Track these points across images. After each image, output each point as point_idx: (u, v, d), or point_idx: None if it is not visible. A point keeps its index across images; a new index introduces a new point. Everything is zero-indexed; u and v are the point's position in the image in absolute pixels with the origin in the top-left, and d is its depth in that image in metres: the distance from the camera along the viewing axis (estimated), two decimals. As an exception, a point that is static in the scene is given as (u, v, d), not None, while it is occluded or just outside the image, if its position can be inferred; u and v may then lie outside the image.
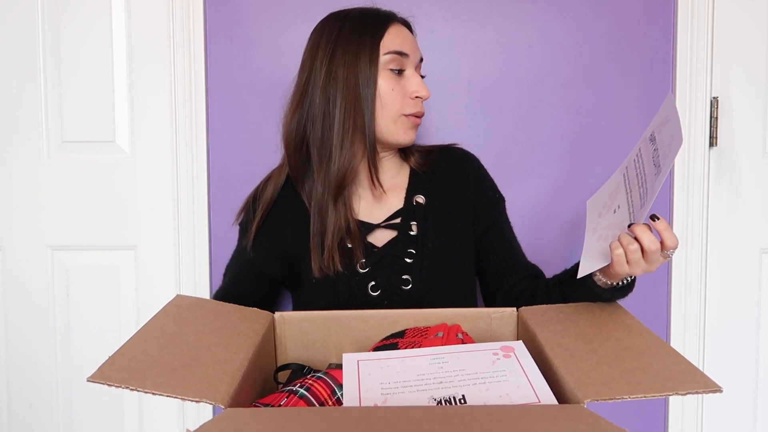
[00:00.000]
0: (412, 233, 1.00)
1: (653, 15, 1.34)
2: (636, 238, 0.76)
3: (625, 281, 0.84)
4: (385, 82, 0.96)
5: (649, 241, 0.76)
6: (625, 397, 0.59)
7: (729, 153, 1.36)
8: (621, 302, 0.87)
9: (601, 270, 0.83)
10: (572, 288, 0.88)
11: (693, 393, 0.59)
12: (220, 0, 1.35)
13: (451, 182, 1.05)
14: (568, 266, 0.96)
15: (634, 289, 0.87)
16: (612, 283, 0.84)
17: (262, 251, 1.04)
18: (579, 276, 0.81)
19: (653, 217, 0.78)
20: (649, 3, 1.33)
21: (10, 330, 1.44)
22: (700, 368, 1.38)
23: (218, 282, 1.39)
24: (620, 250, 0.77)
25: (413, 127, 1.00)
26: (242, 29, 1.35)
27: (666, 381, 0.61)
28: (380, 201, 1.03)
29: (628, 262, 0.78)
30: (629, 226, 0.78)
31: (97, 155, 1.40)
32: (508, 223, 1.09)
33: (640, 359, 0.66)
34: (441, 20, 1.34)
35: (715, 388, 0.58)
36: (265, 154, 1.35)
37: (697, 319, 1.37)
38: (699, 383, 0.60)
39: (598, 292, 0.85)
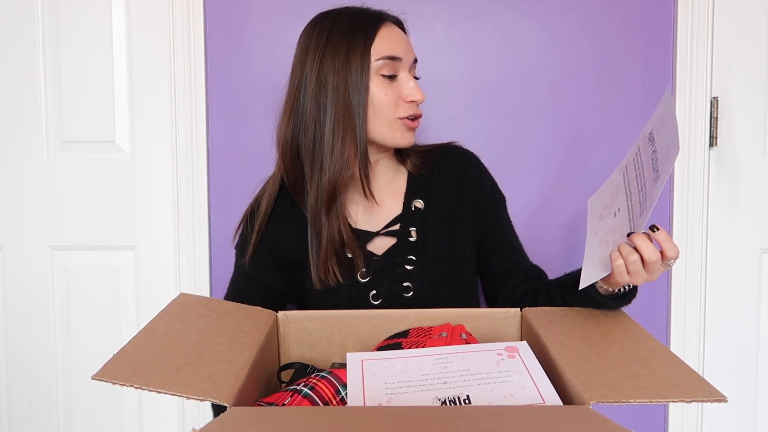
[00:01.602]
0: (411, 239, 0.99)
1: (653, 15, 1.34)
2: (636, 249, 0.75)
3: (626, 288, 0.83)
4: (377, 88, 0.92)
5: (649, 251, 0.75)
6: (631, 400, 0.58)
7: (729, 153, 1.36)
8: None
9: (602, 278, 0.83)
10: (574, 295, 0.87)
11: (698, 401, 0.59)
12: (220, 0, 1.35)
13: (449, 183, 1.02)
14: (568, 267, 0.95)
15: (636, 296, 0.86)
16: (613, 290, 0.83)
17: (263, 264, 1.01)
18: (581, 287, 0.80)
19: (653, 228, 0.76)
20: (649, 3, 1.34)
21: (10, 330, 1.43)
22: (700, 369, 1.39)
23: (218, 282, 1.40)
24: (620, 261, 0.76)
25: (410, 130, 0.97)
26: (242, 29, 1.35)
27: (671, 388, 0.61)
28: (378, 207, 1.00)
29: (628, 272, 0.77)
30: (629, 236, 0.76)
31: (97, 155, 1.39)
32: (510, 223, 1.06)
33: (645, 365, 0.66)
34: (441, 20, 1.34)
35: (720, 398, 0.58)
36: (265, 154, 1.35)
37: (697, 319, 1.37)
38: (704, 392, 0.60)
39: (601, 301, 0.83)
